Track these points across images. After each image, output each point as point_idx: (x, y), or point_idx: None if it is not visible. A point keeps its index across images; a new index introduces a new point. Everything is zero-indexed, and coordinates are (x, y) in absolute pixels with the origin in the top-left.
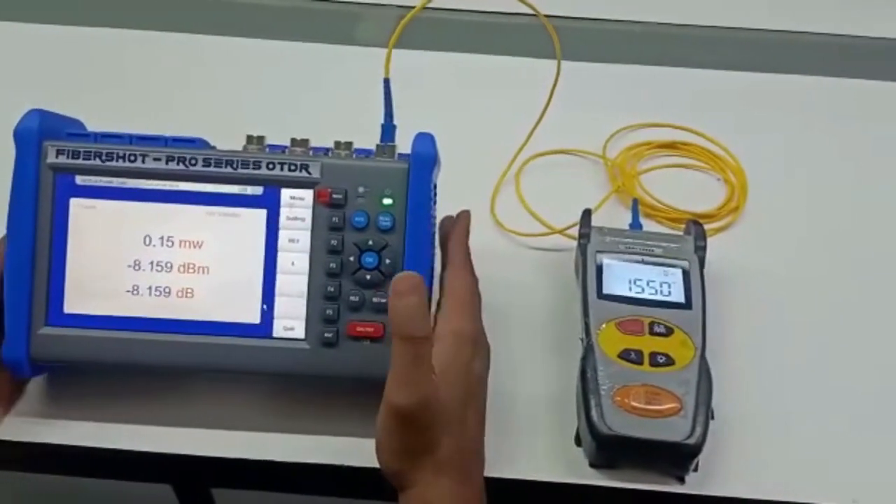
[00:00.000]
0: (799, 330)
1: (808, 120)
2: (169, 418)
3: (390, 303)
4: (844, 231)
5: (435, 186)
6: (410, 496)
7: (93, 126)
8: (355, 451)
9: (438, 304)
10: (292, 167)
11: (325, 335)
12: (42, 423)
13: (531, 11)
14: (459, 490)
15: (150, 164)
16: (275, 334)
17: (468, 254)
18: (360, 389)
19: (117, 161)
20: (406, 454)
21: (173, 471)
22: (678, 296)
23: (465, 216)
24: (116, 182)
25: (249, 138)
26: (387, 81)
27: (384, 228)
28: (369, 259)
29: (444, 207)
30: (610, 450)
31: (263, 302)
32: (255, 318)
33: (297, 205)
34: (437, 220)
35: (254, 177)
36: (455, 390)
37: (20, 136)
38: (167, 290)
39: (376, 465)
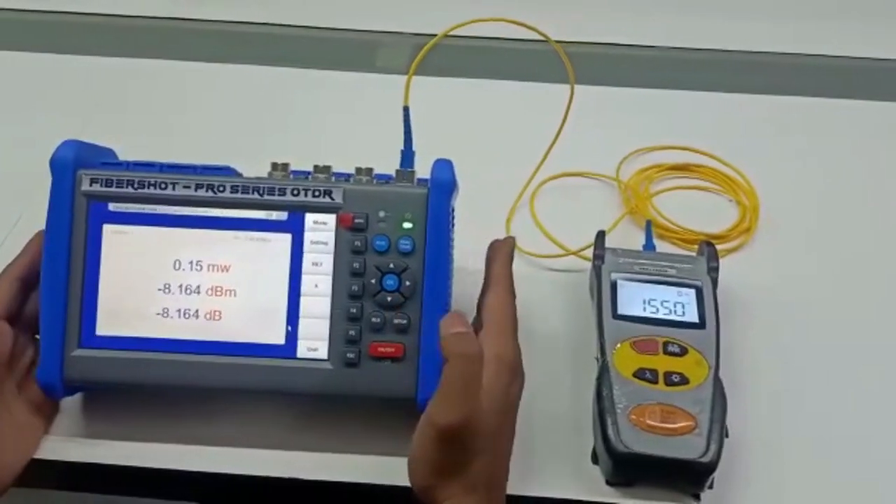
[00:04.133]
0: (811, 349)
1: (820, 141)
2: (196, 437)
3: (441, 333)
4: (856, 251)
5: (453, 210)
6: None
7: (123, 153)
8: (377, 468)
9: (477, 326)
10: (316, 193)
11: (348, 356)
12: (71, 442)
13: (545, 38)
14: None
15: (180, 192)
16: (299, 355)
17: (510, 275)
18: (381, 408)
19: (149, 189)
20: (441, 471)
21: (200, 488)
22: (692, 316)
23: (509, 241)
24: (148, 209)
25: (274, 165)
26: (406, 110)
27: (404, 251)
28: (390, 281)
29: (462, 229)
30: (626, 468)
31: (288, 323)
32: (279, 339)
33: (320, 229)
34: (455, 243)
35: (279, 203)
36: (493, 413)
37: (56, 165)
38: (196, 312)
39: (398, 482)
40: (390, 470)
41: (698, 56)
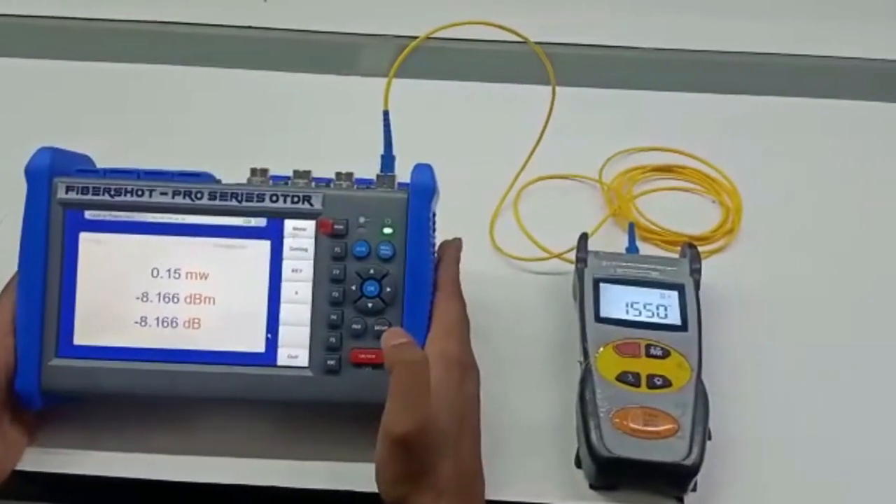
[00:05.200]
0: (794, 350)
1: (802, 142)
2: (176, 446)
3: (382, 346)
4: (840, 251)
5: (434, 215)
6: None
7: (100, 160)
8: (359, 475)
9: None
10: (295, 199)
11: (329, 362)
12: (49, 453)
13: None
14: None
15: (157, 199)
16: (279, 363)
17: (457, 279)
18: (363, 415)
19: (125, 196)
20: (406, 480)
21: (180, 498)
22: (674, 318)
23: (456, 244)
24: (124, 216)
25: (253, 171)
26: (386, 114)
27: (385, 257)
28: (371, 287)
29: (444, 233)
30: (610, 471)
31: (268, 331)
32: (259, 347)
33: (299, 235)
34: (437, 247)
35: (257, 209)
36: (448, 413)
37: (31, 173)
38: (174, 320)
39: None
40: (373, 477)
41: (681, 57)
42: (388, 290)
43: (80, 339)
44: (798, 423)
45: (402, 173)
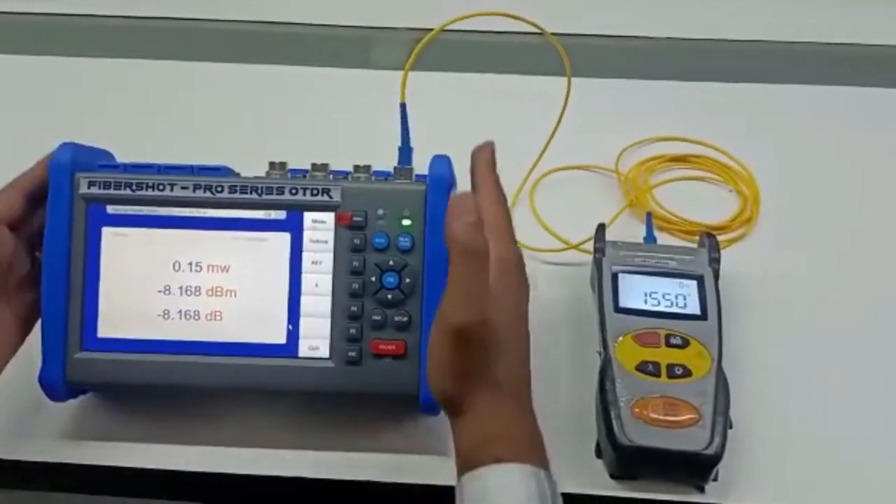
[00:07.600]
0: (814, 339)
1: (820, 129)
2: (199, 438)
3: (446, 222)
4: (858, 239)
5: None
6: (467, 422)
7: (119, 155)
8: (380, 466)
9: None
10: (314, 192)
11: (349, 354)
12: (74, 445)
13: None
14: (520, 417)
15: (178, 193)
16: (300, 354)
17: (497, 180)
18: (383, 406)
19: (146, 190)
20: (461, 376)
21: (204, 489)
22: (694, 307)
23: (488, 145)
24: (146, 210)
25: (272, 164)
26: (403, 106)
27: (404, 249)
28: (390, 279)
29: None
30: (630, 461)
31: (289, 323)
32: (281, 338)
33: (319, 228)
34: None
35: (277, 202)
36: (506, 313)
37: (53, 169)
38: (196, 313)
39: (401, 480)
40: (393, 467)
41: (696, 46)
42: (408, 281)
43: (104, 332)
44: (820, 411)
45: (420, 165)
